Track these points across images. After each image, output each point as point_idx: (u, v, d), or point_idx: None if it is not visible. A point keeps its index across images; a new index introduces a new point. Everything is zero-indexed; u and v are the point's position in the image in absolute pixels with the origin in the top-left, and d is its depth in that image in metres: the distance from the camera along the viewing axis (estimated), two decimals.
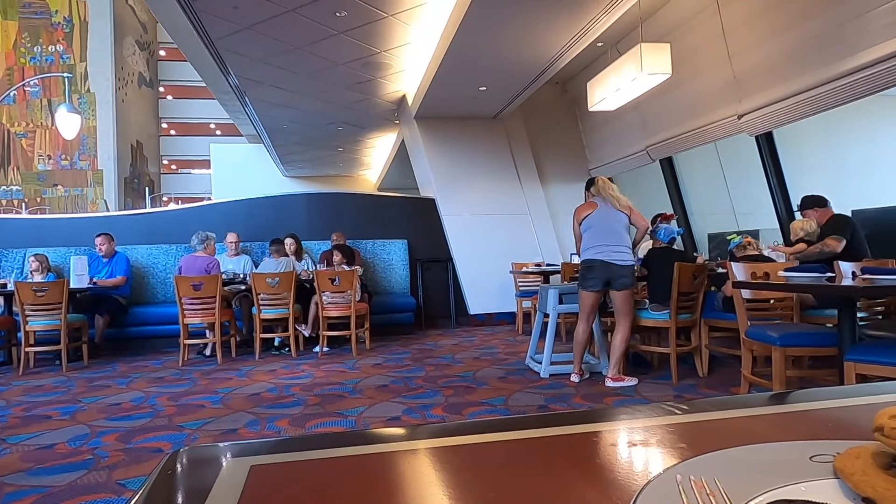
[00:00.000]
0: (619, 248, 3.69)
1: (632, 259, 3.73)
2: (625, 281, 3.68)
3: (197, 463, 0.48)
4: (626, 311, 3.74)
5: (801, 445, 0.43)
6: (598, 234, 3.74)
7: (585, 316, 3.86)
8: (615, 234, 3.71)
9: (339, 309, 5.23)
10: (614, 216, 3.74)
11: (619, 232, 3.72)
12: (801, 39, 4.36)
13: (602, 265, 3.69)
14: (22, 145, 21.06)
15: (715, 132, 5.51)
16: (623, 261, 3.67)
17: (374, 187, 14.56)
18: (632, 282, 3.72)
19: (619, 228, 3.73)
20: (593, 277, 3.73)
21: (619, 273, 3.67)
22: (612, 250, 3.68)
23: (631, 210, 3.77)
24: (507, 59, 5.59)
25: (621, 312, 3.75)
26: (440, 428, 0.56)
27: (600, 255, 3.69)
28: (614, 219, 3.74)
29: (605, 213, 3.76)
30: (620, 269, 3.67)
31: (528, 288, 6.34)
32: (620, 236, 3.72)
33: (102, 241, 5.65)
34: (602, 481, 0.40)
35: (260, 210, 6.99)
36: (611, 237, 3.70)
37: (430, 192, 7.68)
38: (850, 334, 2.35)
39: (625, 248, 3.71)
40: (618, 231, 3.72)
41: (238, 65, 6.34)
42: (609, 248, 3.69)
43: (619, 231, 3.73)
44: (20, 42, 21.14)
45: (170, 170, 26.63)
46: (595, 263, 3.71)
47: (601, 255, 3.69)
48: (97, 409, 3.49)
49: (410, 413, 3.26)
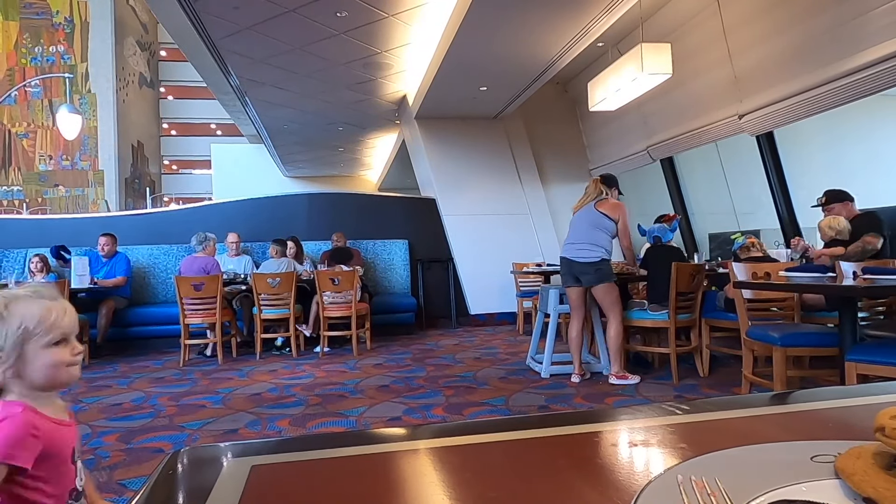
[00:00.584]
0: (581, 245, 3.79)
1: (596, 256, 3.74)
2: (588, 277, 3.76)
3: (198, 463, 0.48)
4: (608, 306, 3.77)
5: (802, 445, 0.43)
6: (569, 232, 3.94)
7: (573, 313, 3.94)
8: (580, 232, 3.84)
9: (339, 309, 5.23)
10: (586, 215, 3.85)
11: (584, 230, 3.82)
12: (801, 39, 4.36)
13: (565, 261, 3.88)
14: (23, 146, 21.09)
15: (716, 132, 5.50)
16: (583, 258, 3.75)
17: (375, 187, 14.56)
18: (598, 278, 3.73)
19: (586, 227, 3.81)
20: (563, 274, 3.94)
21: (581, 269, 3.77)
22: (575, 247, 3.81)
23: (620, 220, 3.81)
24: (507, 60, 5.59)
25: (604, 307, 3.81)
26: (441, 428, 0.56)
27: (564, 252, 3.91)
28: (585, 217, 3.85)
29: (580, 212, 3.90)
30: (581, 266, 3.76)
31: (529, 288, 6.34)
32: (586, 234, 3.80)
33: (107, 242, 5.64)
34: (603, 481, 0.40)
35: (260, 210, 6.99)
36: (576, 234, 3.87)
37: (430, 192, 7.68)
38: (852, 334, 2.35)
39: (588, 245, 3.76)
40: (583, 229, 3.83)
41: (239, 65, 6.35)
42: (573, 245, 3.84)
43: (584, 229, 3.82)
44: (21, 42, 21.17)
45: (170, 170, 26.66)
46: (562, 260, 3.93)
47: (564, 251, 3.90)
48: (98, 409, 3.49)
49: (411, 413, 3.26)
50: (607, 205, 3.81)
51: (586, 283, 3.79)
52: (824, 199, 3.99)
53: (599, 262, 3.76)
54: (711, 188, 7.09)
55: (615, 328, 3.77)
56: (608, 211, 3.79)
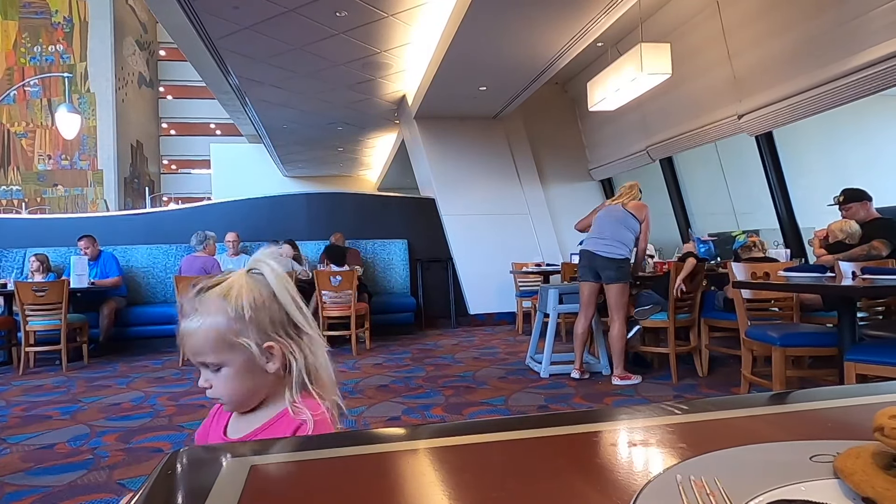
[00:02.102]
0: (609, 240, 3.77)
1: (621, 254, 3.74)
2: (609, 274, 3.74)
3: (197, 463, 0.48)
4: (617, 306, 3.76)
5: (801, 445, 0.43)
6: (595, 227, 3.91)
7: (583, 309, 3.93)
8: (608, 228, 3.82)
9: (339, 309, 5.23)
10: (614, 212, 3.85)
11: (612, 226, 3.81)
12: (801, 39, 4.36)
13: (587, 254, 3.84)
14: (22, 145, 21.06)
15: (715, 132, 5.51)
16: (609, 254, 3.74)
17: (374, 187, 14.56)
18: (618, 276, 3.73)
19: (615, 224, 3.81)
20: (581, 266, 3.91)
21: (603, 265, 3.75)
22: (603, 242, 3.78)
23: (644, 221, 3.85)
24: (506, 59, 5.59)
25: (611, 307, 3.79)
26: (440, 428, 0.56)
27: (588, 245, 3.86)
28: (613, 215, 3.85)
29: (609, 209, 3.91)
30: (604, 261, 3.74)
31: (528, 288, 6.34)
32: (614, 230, 3.79)
33: (87, 244, 5.54)
34: (602, 481, 0.40)
35: (260, 210, 6.99)
36: (603, 230, 3.84)
37: (430, 192, 7.67)
38: (851, 334, 2.35)
39: (616, 242, 3.76)
40: (611, 225, 3.82)
41: (238, 65, 6.34)
42: (600, 240, 3.80)
43: (612, 226, 3.81)
44: (20, 42, 21.13)
45: (170, 170, 26.63)
46: (583, 253, 3.88)
47: (589, 245, 3.86)
48: (97, 409, 3.49)
49: (410, 413, 3.26)
50: (634, 204, 3.85)
51: (605, 279, 3.77)
52: (842, 197, 3.83)
53: (622, 260, 3.76)
54: (711, 188, 7.09)
55: (618, 329, 3.76)
56: (634, 210, 3.81)
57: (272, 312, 0.85)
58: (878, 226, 3.61)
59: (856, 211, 3.76)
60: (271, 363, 0.85)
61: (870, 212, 3.77)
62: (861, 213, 3.74)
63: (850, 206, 3.77)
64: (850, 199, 3.78)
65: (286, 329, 0.87)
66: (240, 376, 0.85)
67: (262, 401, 0.89)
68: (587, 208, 4.39)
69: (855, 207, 3.76)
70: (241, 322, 0.82)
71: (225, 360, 0.84)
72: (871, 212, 3.78)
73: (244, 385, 0.85)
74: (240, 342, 0.83)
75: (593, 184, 8.34)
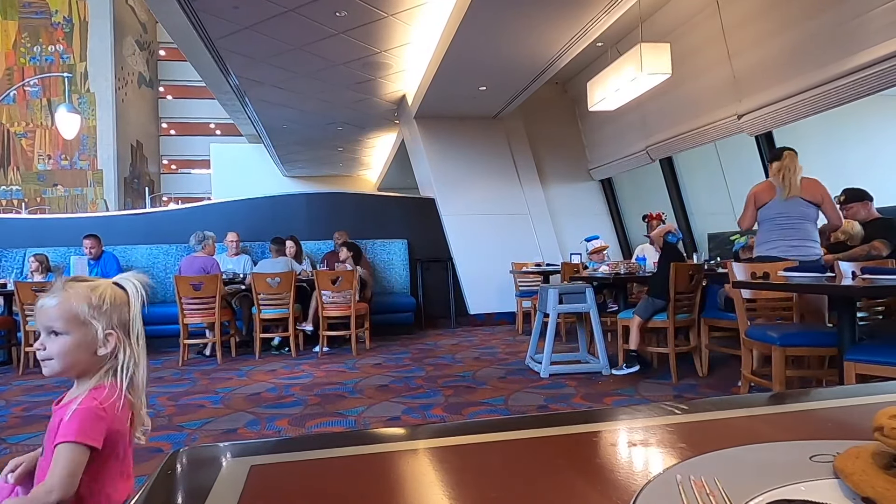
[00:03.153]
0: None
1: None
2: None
3: (197, 463, 0.48)
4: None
5: (801, 445, 0.43)
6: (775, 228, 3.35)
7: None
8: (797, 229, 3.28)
9: (339, 309, 5.23)
10: (795, 206, 3.30)
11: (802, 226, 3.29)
12: (801, 39, 4.36)
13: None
14: (22, 145, 21.06)
15: (715, 132, 5.51)
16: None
17: (374, 187, 14.56)
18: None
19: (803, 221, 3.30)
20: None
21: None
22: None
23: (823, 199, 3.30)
24: (506, 59, 5.59)
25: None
26: (440, 428, 0.56)
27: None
28: (795, 210, 3.30)
29: (785, 202, 3.33)
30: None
31: (528, 288, 6.34)
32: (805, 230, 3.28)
33: (92, 244, 5.56)
34: (602, 481, 0.40)
35: (260, 210, 6.99)
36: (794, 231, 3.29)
37: (430, 192, 7.68)
38: (850, 334, 2.35)
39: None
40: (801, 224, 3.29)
41: (238, 65, 6.34)
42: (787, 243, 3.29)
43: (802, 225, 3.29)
44: (20, 42, 21.13)
45: (170, 170, 26.63)
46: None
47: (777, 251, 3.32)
48: None
49: (410, 413, 3.26)
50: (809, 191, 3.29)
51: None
52: (843, 197, 3.82)
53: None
54: (710, 188, 7.08)
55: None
56: (811, 196, 3.28)
57: (122, 314, 1.13)
58: (879, 226, 3.62)
59: (857, 211, 3.76)
60: (104, 348, 1.10)
61: (870, 212, 3.78)
62: (862, 213, 3.75)
63: (851, 206, 3.78)
64: (851, 199, 3.79)
65: (126, 331, 1.14)
66: (75, 347, 1.08)
67: (79, 378, 1.13)
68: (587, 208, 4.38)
69: (856, 207, 3.77)
70: (98, 310, 1.09)
71: (71, 331, 1.07)
72: (871, 212, 3.78)
73: (74, 356, 1.09)
74: (91, 322, 1.08)
75: (593, 184, 8.34)
